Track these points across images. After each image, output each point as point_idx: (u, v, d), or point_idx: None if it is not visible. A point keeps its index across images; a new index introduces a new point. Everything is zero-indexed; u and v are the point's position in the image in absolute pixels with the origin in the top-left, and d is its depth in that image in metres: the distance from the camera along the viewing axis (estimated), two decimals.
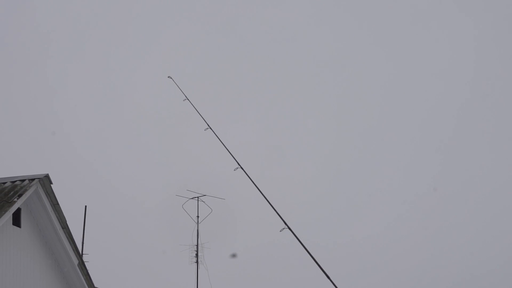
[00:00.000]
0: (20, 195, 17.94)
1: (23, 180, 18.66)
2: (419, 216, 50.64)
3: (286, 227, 15.66)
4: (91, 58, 58.54)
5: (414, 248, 48.49)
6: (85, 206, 29.61)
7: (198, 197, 32.00)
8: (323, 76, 57.95)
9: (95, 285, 20.77)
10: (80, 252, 21.12)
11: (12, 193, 18.11)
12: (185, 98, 17.70)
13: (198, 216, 32.15)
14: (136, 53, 58.05)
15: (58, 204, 19.08)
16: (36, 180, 18.56)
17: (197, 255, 32.13)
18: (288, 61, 57.81)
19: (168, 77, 18.50)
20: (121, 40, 58.44)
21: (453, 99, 56.73)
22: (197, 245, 32.24)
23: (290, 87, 57.44)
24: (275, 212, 16.23)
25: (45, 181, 18.74)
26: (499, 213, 50.39)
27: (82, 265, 20.07)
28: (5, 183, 18.74)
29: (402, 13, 58.19)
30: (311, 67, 57.65)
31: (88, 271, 20.38)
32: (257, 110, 56.51)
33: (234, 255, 35.28)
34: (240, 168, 16.71)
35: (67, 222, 19.43)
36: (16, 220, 18.31)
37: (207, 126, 17.22)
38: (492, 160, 53.94)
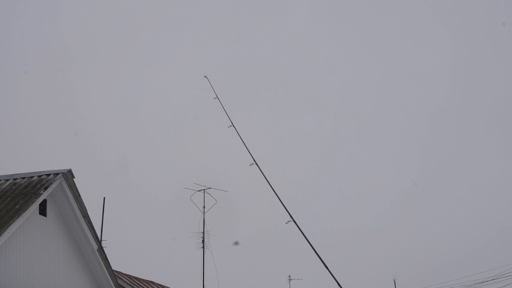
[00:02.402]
0: (46, 188, 18.05)
1: (48, 174, 18.77)
2: (402, 207, 50.82)
3: (292, 220, 15.61)
4: (110, 65, 58.64)
5: (398, 235, 48.67)
6: (104, 198, 29.74)
7: (204, 189, 32.01)
8: (320, 81, 58.05)
9: (113, 268, 20.86)
10: (99, 239, 21.21)
11: (38, 186, 18.23)
12: (216, 97, 17.55)
13: (204, 207, 32.19)
14: (152, 61, 58.16)
15: (79, 195, 19.17)
16: (60, 174, 18.66)
17: (203, 241, 32.18)
18: (288, 66, 57.89)
19: (204, 76, 18.29)
20: (138, 49, 58.56)
21: (432, 101, 56.88)
22: (203, 232, 32.29)
23: (291, 90, 57.53)
24: (281, 205, 16.13)
25: (68, 175, 18.84)
26: (473, 204, 50.57)
27: (101, 250, 20.17)
28: (33, 177, 18.86)
29: (388, 25, 58.27)
30: (309, 73, 57.75)
31: (107, 255, 20.48)
32: (259, 112, 56.59)
33: (236, 243, 35.39)
34: (255, 164, 16.58)
35: (88, 212, 19.53)
36: (43, 210, 18.42)
37: (231, 124, 17.08)
38: (467, 157, 54.07)
